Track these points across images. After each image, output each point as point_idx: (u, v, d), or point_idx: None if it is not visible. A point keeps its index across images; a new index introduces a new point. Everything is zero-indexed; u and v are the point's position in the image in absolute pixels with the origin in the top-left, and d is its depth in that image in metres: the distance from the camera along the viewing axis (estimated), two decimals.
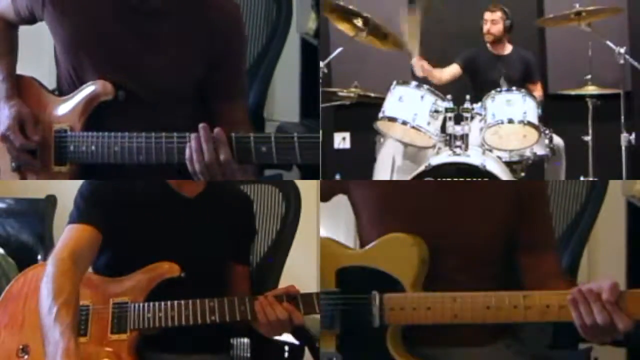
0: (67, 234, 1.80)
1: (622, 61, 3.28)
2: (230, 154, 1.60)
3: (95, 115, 1.81)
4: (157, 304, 1.69)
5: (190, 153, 1.62)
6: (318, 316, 1.76)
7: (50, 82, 1.95)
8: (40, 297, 1.61)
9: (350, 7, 3.18)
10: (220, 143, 1.60)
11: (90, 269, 1.80)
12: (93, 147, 1.77)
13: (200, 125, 1.62)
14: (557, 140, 3.39)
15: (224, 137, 1.60)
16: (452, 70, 3.71)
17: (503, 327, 1.69)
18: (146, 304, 1.70)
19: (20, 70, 1.96)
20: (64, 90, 1.89)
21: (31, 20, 1.92)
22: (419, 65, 3.47)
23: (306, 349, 1.89)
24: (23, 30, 2.01)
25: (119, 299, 1.72)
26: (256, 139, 1.60)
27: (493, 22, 3.70)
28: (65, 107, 1.84)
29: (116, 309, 1.71)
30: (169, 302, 1.69)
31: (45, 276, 1.65)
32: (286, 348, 1.79)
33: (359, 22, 3.19)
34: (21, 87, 1.90)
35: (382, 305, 1.61)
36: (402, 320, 1.60)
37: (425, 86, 3.02)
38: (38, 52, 2.16)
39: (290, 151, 1.58)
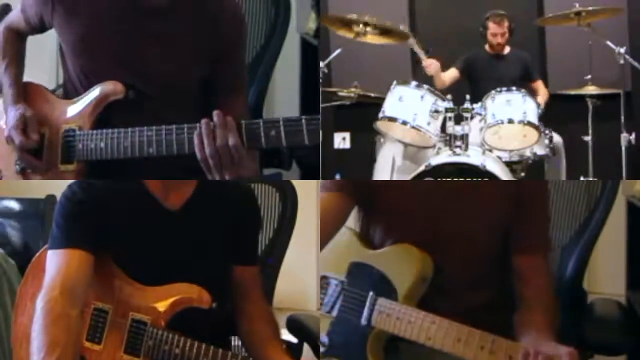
0: (55, 262, 1.62)
1: (622, 61, 3.28)
2: (240, 140, 1.63)
3: (103, 115, 1.83)
4: (175, 338, 1.60)
5: (201, 138, 1.64)
6: (317, 314, 1.77)
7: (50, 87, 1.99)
8: (30, 349, 1.50)
9: (349, 16, 3.18)
10: (230, 130, 1.63)
11: None
12: (102, 144, 1.79)
13: (215, 112, 1.65)
14: (556, 139, 3.39)
15: (234, 125, 1.64)
16: (452, 74, 3.70)
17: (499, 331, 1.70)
18: (164, 334, 1.61)
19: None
20: (71, 92, 1.92)
21: (41, 28, 1.96)
22: (431, 64, 3.42)
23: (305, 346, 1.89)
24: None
25: (138, 315, 1.63)
26: (265, 123, 1.64)
27: (501, 35, 3.67)
28: (75, 109, 1.87)
29: (133, 327, 1.63)
30: (188, 341, 1.59)
31: (36, 320, 1.53)
32: (283, 347, 1.77)
33: (358, 28, 3.19)
34: (30, 93, 1.94)
35: (373, 307, 1.66)
36: (386, 327, 1.64)
37: (425, 86, 3.03)
38: (39, 58, 2.17)
39: (298, 134, 1.61)
